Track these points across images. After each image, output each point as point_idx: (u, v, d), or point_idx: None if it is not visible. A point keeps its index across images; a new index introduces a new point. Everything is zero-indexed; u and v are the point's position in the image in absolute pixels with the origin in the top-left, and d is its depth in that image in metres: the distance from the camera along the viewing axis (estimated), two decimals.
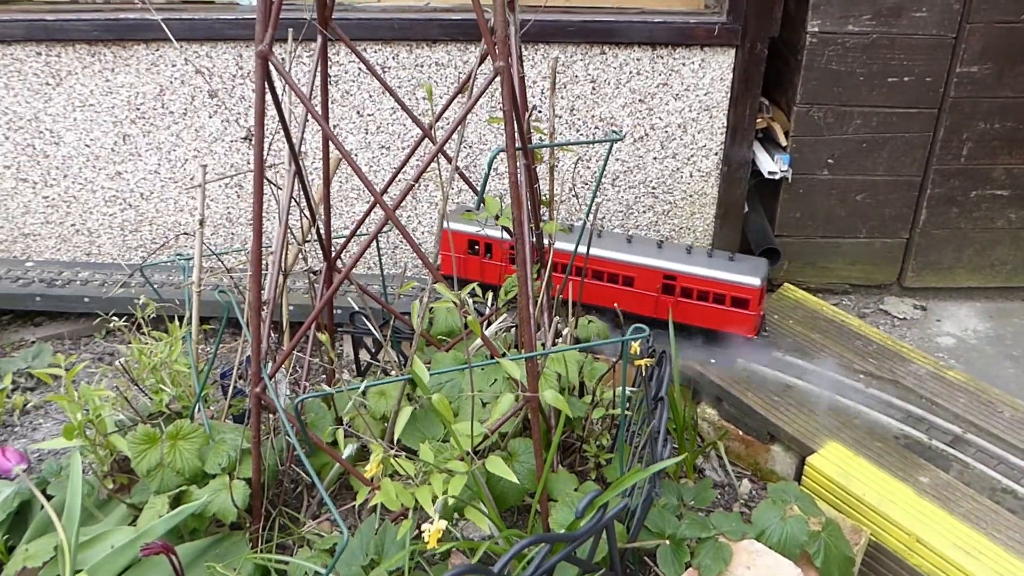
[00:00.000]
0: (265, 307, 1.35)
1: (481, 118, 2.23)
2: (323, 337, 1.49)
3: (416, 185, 1.26)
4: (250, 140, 1.62)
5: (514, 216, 1.23)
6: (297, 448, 1.21)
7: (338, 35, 1.48)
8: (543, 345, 1.59)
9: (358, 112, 2.23)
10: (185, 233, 2.39)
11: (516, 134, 1.25)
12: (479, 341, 1.72)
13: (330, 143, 1.62)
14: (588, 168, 2.26)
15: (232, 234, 2.39)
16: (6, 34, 2.19)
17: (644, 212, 2.31)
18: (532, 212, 1.54)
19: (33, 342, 2.32)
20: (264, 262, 1.58)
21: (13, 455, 1.41)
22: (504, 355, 1.28)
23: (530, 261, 1.30)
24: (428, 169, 1.26)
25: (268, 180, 1.66)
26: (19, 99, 2.26)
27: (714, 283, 1.94)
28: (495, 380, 1.65)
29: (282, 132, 1.36)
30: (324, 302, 1.33)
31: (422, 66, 2.19)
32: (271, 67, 1.22)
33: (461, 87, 1.51)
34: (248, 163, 2.30)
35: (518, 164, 1.25)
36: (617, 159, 2.25)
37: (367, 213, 1.58)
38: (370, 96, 2.22)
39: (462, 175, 1.51)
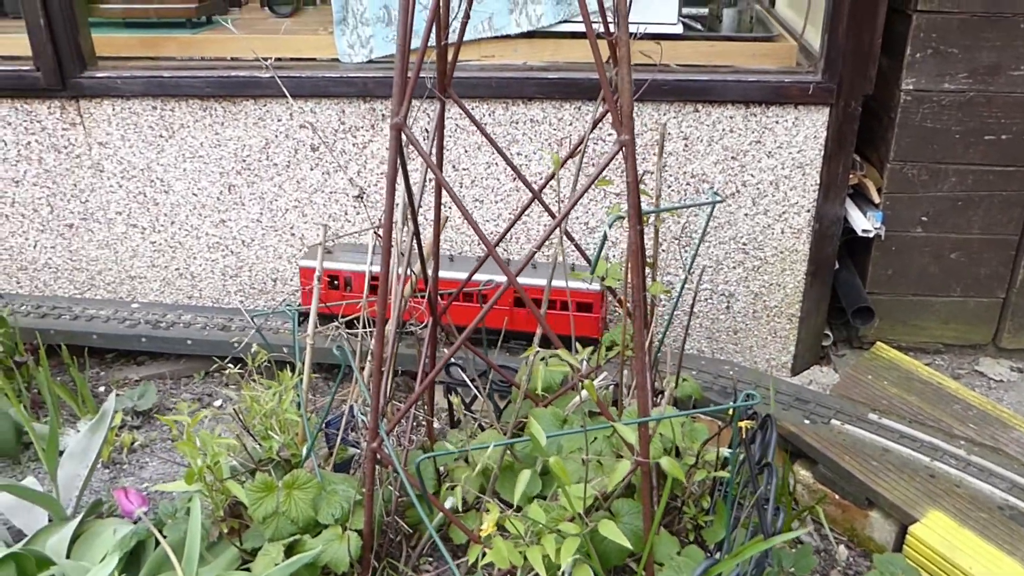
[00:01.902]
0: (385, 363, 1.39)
1: (572, 172, 2.27)
2: (455, 400, 1.53)
3: (537, 251, 1.29)
4: (361, 198, 1.69)
5: (633, 283, 1.26)
6: (417, 505, 1.24)
7: (456, 101, 1.54)
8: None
9: (453, 166, 2.29)
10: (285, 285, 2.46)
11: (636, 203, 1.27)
12: (578, 398, 1.75)
13: (440, 200, 1.67)
14: (678, 224, 2.28)
15: None
16: (126, 89, 2.32)
17: (734, 268, 2.32)
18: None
19: (137, 381, 2.41)
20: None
21: (136, 498, 1.47)
22: (607, 415, 1.30)
23: (640, 322, 1.32)
24: (519, 221, 1.29)
25: (379, 236, 1.72)
26: (134, 150, 2.38)
27: (561, 292, 2.05)
28: (595, 439, 1.67)
29: (389, 189, 1.41)
30: (442, 365, 1.37)
31: (517, 123, 2.24)
32: (404, 137, 1.28)
33: (572, 152, 1.55)
34: (346, 214, 2.38)
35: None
36: (704, 214, 2.27)
37: (477, 267, 1.62)
38: (465, 151, 2.28)
39: (570, 237, 1.54)
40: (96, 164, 2.42)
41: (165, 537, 1.55)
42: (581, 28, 2.33)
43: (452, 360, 1.99)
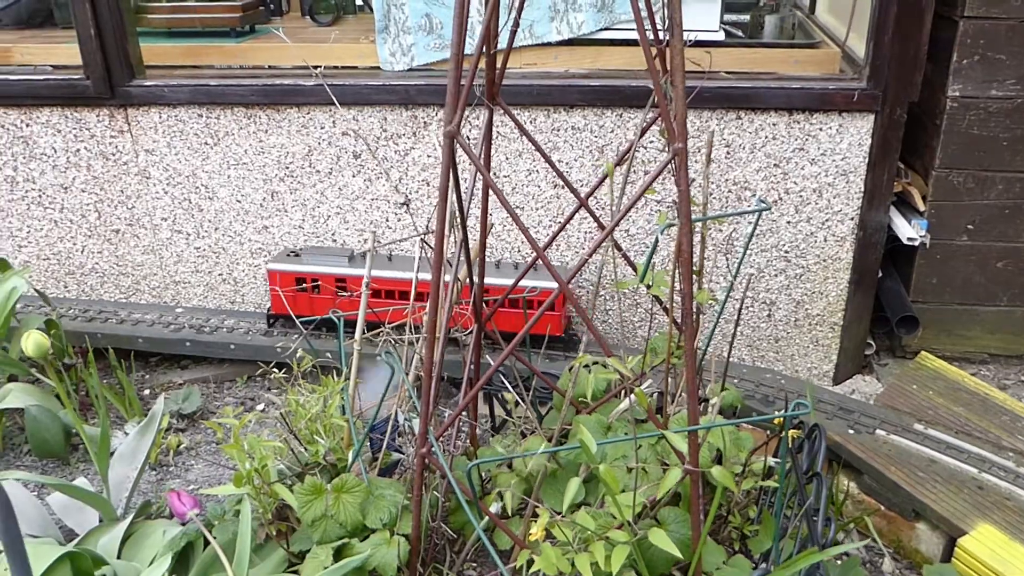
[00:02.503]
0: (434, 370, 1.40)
1: (616, 180, 2.27)
2: (510, 399, 1.53)
3: (588, 260, 1.30)
4: (407, 206, 1.70)
5: (685, 292, 1.26)
6: (467, 510, 1.25)
7: (504, 109, 1.55)
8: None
9: (495, 173, 2.30)
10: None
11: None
12: (623, 405, 1.74)
13: (487, 207, 1.68)
14: (720, 232, 2.27)
15: None
16: (172, 98, 2.36)
17: (776, 276, 2.30)
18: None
19: (181, 384, 2.44)
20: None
21: (188, 500, 1.49)
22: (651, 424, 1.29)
23: (691, 331, 1.31)
24: (566, 228, 1.30)
25: (426, 244, 1.73)
26: (180, 157, 2.42)
27: (522, 291, 2.10)
28: (640, 446, 1.67)
29: (442, 198, 1.42)
30: (490, 373, 1.37)
31: (558, 130, 2.25)
32: (457, 145, 1.29)
33: (620, 159, 1.55)
34: (387, 221, 2.40)
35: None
36: (751, 222, 2.26)
37: (524, 272, 1.62)
38: (506, 158, 2.29)
39: (618, 247, 1.54)
40: (143, 171, 2.46)
41: (215, 538, 1.57)
42: (622, 35, 2.33)
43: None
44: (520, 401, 1.94)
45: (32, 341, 1.48)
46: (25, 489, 1.76)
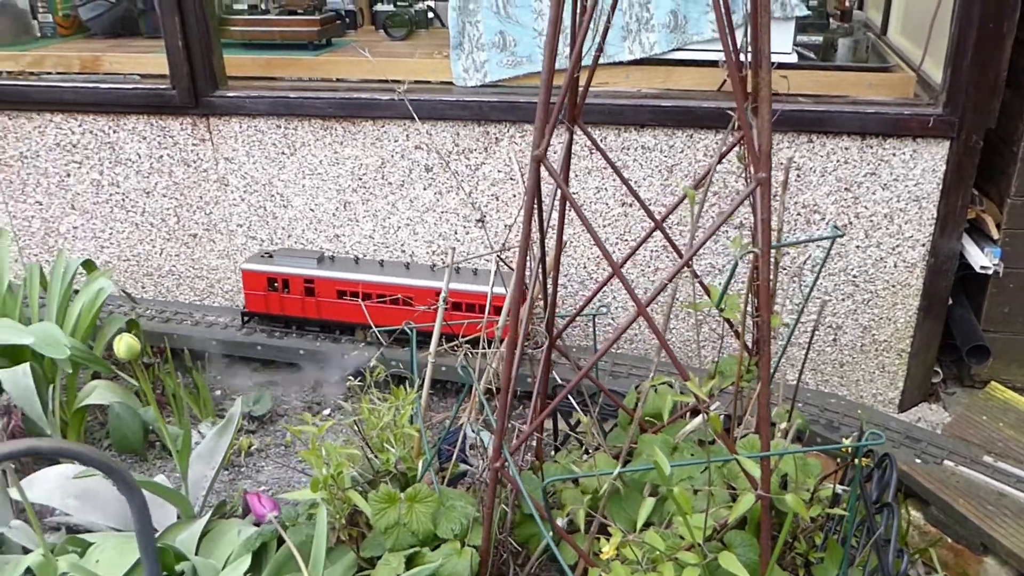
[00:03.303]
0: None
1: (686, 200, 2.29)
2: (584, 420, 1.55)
3: (669, 284, 1.32)
4: (482, 223, 1.74)
5: (763, 318, 1.27)
6: (540, 524, 1.27)
7: (584, 131, 1.58)
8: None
9: None
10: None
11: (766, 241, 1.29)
12: (690, 426, 1.76)
13: (563, 226, 1.70)
14: (788, 254, 2.27)
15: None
16: (252, 108, 2.44)
17: (843, 300, 2.29)
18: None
19: (251, 387, 2.51)
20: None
21: (268, 503, 1.55)
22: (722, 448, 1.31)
23: (767, 358, 1.32)
24: (638, 250, 1.31)
25: (502, 260, 1.77)
26: (257, 165, 2.50)
27: (480, 296, 2.26)
28: (705, 468, 1.68)
29: (526, 220, 1.45)
30: (567, 391, 1.40)
31: (628, 149, 2.27)
32: (543, 168, 1.32)
33: (697, 184, 1.57)
34: (455, 234, 2.44)
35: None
36: (819, 246, 2.25)
37: (599, 288, 1.65)
38: (576, 175, 2.32)
39: (694, 273, 1.56)
40: (222, 178, 2.55)
41: (291, 541, 1.62)
42: (693, 56, 2.35)
43: (559, 381, 2.02)
44: (582, 418, 1.96)
45: (124, 344, 1.54)
46: (109, 484, 1.83)
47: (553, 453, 2.04)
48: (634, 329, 2.47)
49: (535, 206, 1.32)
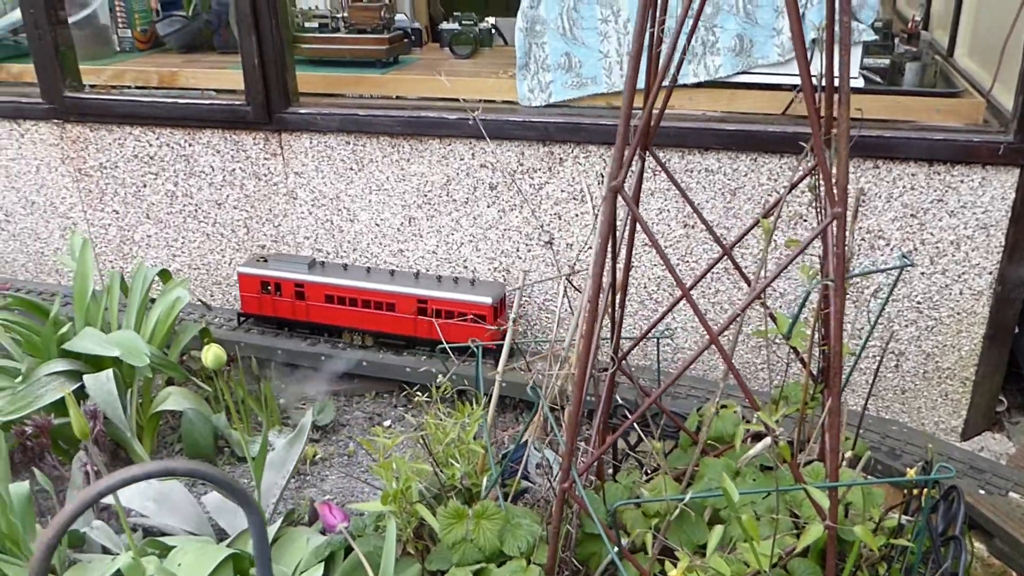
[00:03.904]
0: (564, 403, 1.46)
1: (752, 225, 2.30)
2: (653, 445, 1.58)
3: (741, 315, 1.34)
4: (551, 245, 1.77)
5: (834, 350, 1.28)
6: (606, 542, 1.30)
7: (654, 157, 1.60)
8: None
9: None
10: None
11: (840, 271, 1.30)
12: (753, 451, 1.77)
13: (631, 250, 1.73)
14: (853, 282, 2.26)
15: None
16: (323, 125, 2.51)
17: (906, 326, 2.28)
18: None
19: (314, 394, 2.58)
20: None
21: (339, 514, 1.60)
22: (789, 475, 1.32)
23: (837, 389, 1.33)
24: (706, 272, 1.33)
25: (571, 284, 1.80)
26: (326, 180, 2.57)
27: (459, 304, 2.38)
28: (767, 495, 1.69)
29: (601, 249, 1.48)
30: (637, 414, 1.43)
31: (692, 171, 2.29)
32: (619, 199, 1.35)
33: (768, 211, 1.58)
34: (517, 251, 2.48)
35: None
36: (888, 275, 2.24)
37: (669, 309, 1.67)
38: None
39: (764, 304, 1.58)
40: (291, 192, 2.62)
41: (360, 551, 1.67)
42: (758, 79, 2.36)
43: (619, 402, 2.05)
44: (643, 438, 1.98)
45: (212, 354, 1.61)
46: (184, 488, 1.91)
47: (612, 472, 2.06)
48: (692, 348, 2.48)
49: (610, 236, 1.35)
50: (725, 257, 1.56)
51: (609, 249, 1.44)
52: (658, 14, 1.40)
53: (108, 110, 2.69)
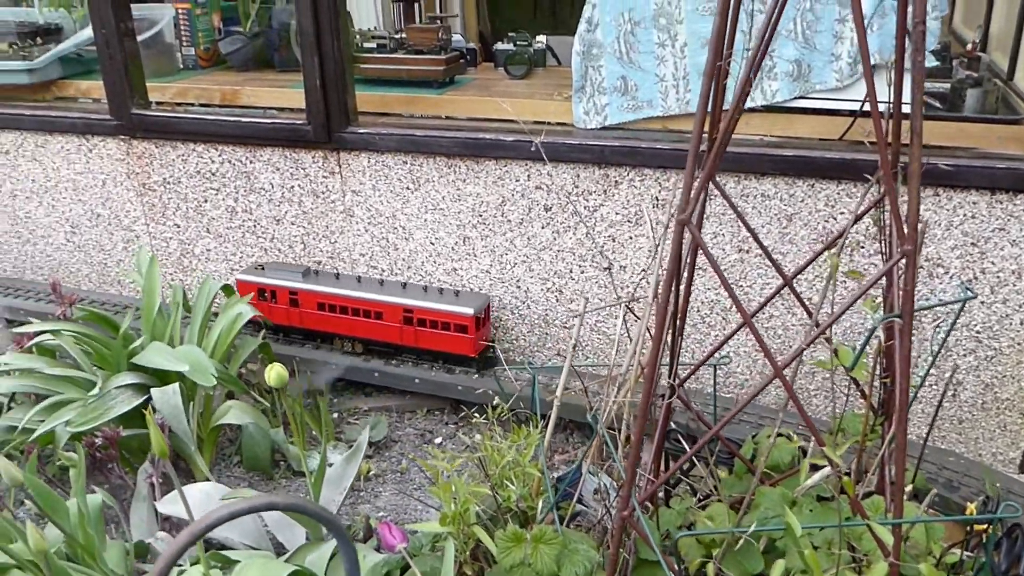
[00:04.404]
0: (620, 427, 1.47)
1: (813, 256, 2.29)
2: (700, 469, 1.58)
3: (802, 352, 1.34)
4: (608, 271, 1.79)
5: (900, 386, 1.28)
6: (666, 569, 1.31)
7: (716, 186, 1.61)
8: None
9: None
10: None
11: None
12: (810, 481, 1.76)
13: (692, 277, 1.74)
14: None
15: (546, 334, 2.59)
16: (381, 145, 2.55)
17: (965, 355, 2.25)
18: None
19: (366, 411, 2.62)
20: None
21: (398, 533, 1.62)
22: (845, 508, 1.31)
23: (903, 425, 1.33)
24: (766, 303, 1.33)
25: (631, 311, 1.82)
26: (383, 199, 2.62)
27: (442, 314, 2.49)
28: (822, 527, 1.68)
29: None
30: (700, 445, 1.43)
31: (747, 196, 2.29)
32: (687, 232, 1.36)
33: (829, 244, 1.58)
34: (570, 272, 2.50)
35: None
36: (941, 300, 2.22)
37: (727, 339, 1.67)
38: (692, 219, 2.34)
39: (828, 340, 1.57)
40: (348, 210, 2.67)
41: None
42: (815, 104, 2.35)
43: (673, 426, 2.05)
44: (695, 463, 1.98)
45: (275, 373, 1.65)
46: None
47: (664, 497, 2.06)
48: (744, 374, 2.47)
49: (677, 268, 1.36)
50: (795, 295, 1.56)
51: (672, 281, 1.45)
52: (725, 47, 1.42)
53: (173, 127, 2.77)
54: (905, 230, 1.25)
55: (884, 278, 1.53)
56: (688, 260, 1.68)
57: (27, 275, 3.25)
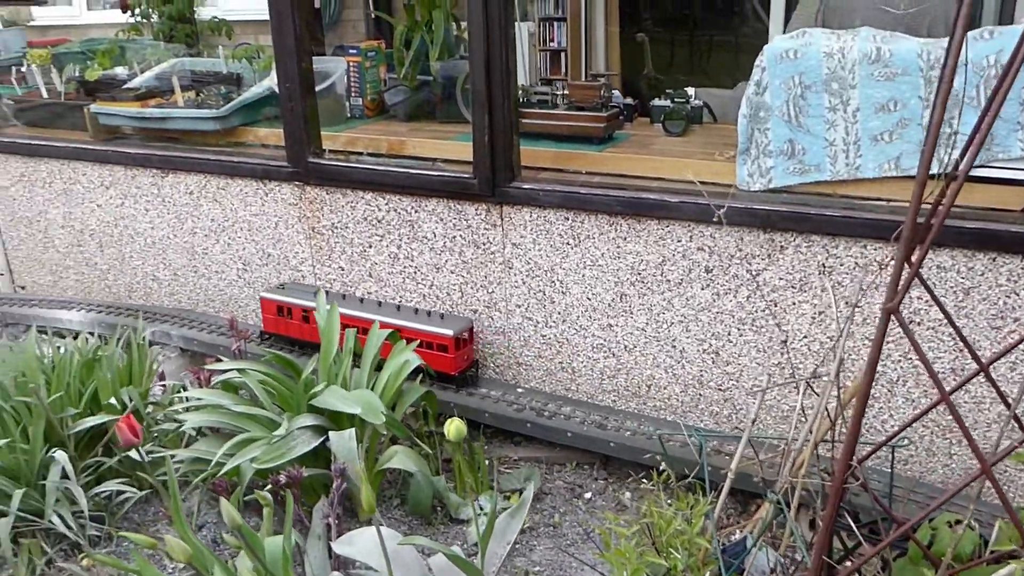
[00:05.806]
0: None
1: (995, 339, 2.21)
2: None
3: (1015, 446, 1.30)
4: (785, 344, 1.77)
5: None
6: None
7: (921, 281, 1.58)
8: None
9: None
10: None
11: None
12: (1002, 572, 1.68)
13: (877, 357, 1.71)
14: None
15: (700, 395, 2.58)
16: (544, 200, 2.62)
17: None
18: None
19: (516, 460, 2.67)
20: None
21: None
22: None
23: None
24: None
25: (811, 388, 1.79)
26: (542, 253, 2.68)
27: (425, 334, 2.68)
28: None
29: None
30: (886, 544, 1.40)
31: (923, 267, 2.22)
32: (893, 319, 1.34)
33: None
34: (728, 335, 2.48)
35: None
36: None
37: (918, 416, 1.63)
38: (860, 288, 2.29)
39: (1022, 427, 1.51)
40: (507, 261, 2.74)
41: None
42: (996, 174, 2.27)
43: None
44: (863, 542, 1.93)
45: (454, 427, 1.71)
46: (415, 550, 2.02)
47: (828, 572, 2.01)
48: (908, 450, 2.38)
49: (878, 355, 1.35)
50: (992, 384, 1.51)
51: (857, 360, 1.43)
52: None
53: (345, 176, 2.93)
54: None
55: None
56: (877, 338, 1.65)
57: (200, 307, 3.48)
